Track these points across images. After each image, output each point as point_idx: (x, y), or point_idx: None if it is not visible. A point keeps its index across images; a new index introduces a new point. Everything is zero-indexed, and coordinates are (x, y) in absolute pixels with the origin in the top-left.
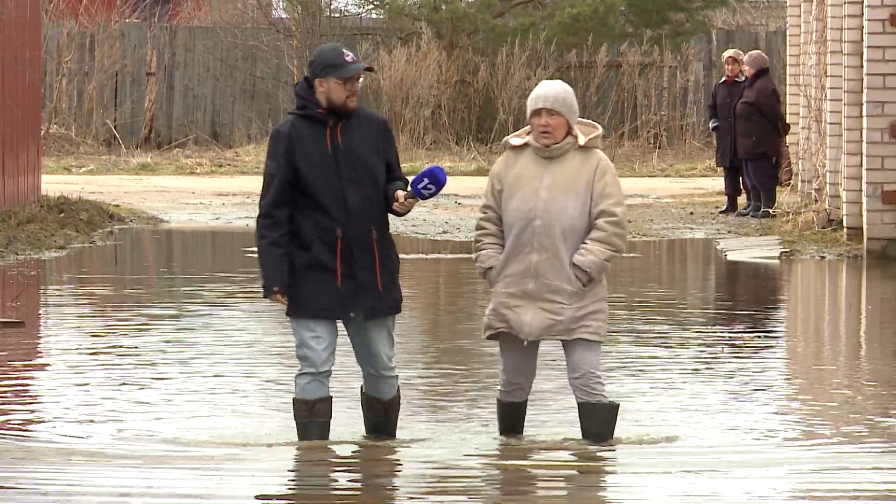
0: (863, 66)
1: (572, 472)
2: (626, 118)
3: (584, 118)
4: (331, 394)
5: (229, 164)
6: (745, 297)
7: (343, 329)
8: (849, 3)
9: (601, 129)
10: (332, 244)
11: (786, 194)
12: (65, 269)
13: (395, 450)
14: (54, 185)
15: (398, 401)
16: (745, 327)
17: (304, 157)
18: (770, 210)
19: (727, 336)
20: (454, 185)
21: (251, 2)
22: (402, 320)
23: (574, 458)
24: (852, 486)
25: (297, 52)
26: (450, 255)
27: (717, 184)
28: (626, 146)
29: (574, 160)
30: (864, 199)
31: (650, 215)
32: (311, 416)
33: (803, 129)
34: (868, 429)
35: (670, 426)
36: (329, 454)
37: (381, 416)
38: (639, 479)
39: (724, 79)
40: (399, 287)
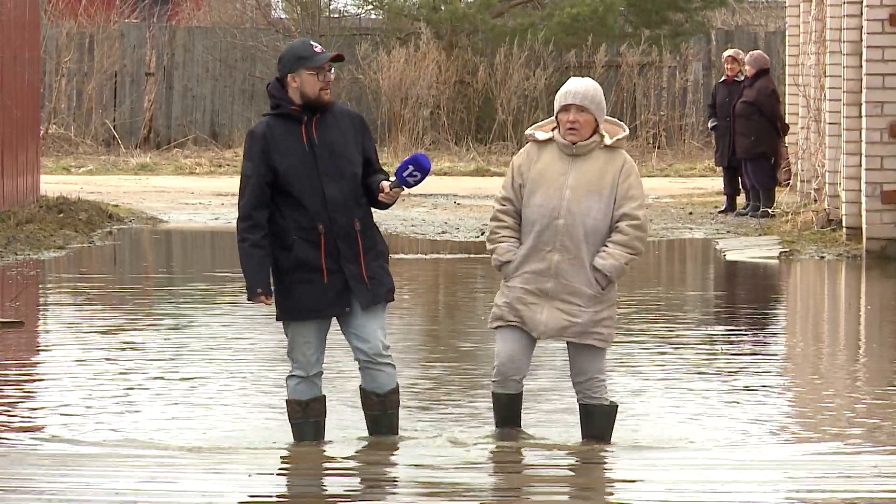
0: (862, 67)
1: (571, 473)
2: (626, 118)
3: None
4: (324, 392)
5: (228, 165)
6: (745, 297)
7: (335, 324)
8: (848, 3)
9: (627, 130)
10: (314, 241)
11: (785, 194)
12: (64, 269)
13: (390, 450)
14: (53, 185)
15: (397, 395)
16: (744, 327)
17: (280, 156)
18: (769, 210)
19: (726, 336)
20: (454, 185)
21: (250, 2)
22: (401, 320)
23: (572, 459)
24: (852, 490)
25: None
26: (449, 256)
27: (716, 184)
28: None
29: (599, 160)
30: (863, 199)
31: (649, 215)
32: (306, 416)
33: (802, 129)
34: (868, 431)
35: (669, 427)
36: (324, 455)
37: (379, 410)
38: (636, 482)
39: (723, 78)
40: (390, 274)
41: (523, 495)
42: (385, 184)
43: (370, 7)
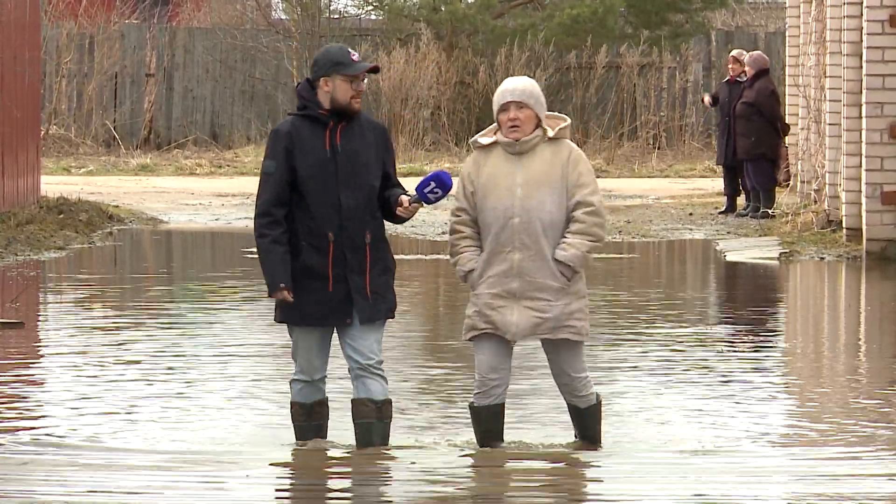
0: (862, 67)
1: (568, 478)
2: (626, 119)
3: (583, 119)
4: (327, 395)
5: (229, 165)
6: (745, 299)
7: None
8: (848, 3)
9: (569, 120)
10: (323, 249)
11: (785, 195)
12: (64, 269)
13: (388, 456)
14: (54, 185)
15: (390, 406)
16: (744, 328)
17: (302, 158)
18: (769, 211)
19: (726, 337)
20: (453, 186)
21: (250, 3)
22: (400, 321)
23: (571, 463)
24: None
25: (296, 53)
26: (449, 256)
27: (716, 184)
28: (625, 147)
29: (545, 153)
30: (863, 200)
31: (649, 216)
32: (309, 419)
33: (802, 129)
34: (868, 433)
35: (668, 429)
36: (324, 460)
37: (373, 417)
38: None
39: (727, 78)
40: (394, 292)
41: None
42: (404, 198)
43: (370, 8)
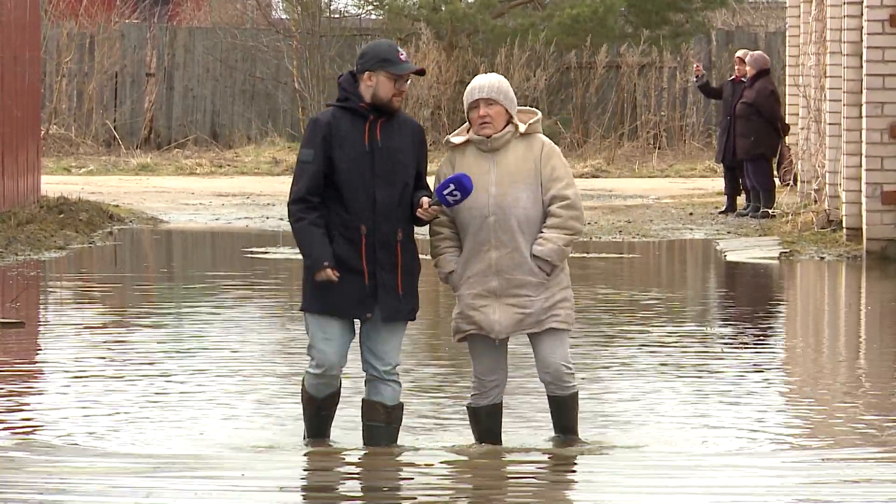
0: (862, 67)
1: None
2: (626, 119)
3: (584, 119)
4: (340, 386)
5: (229, 165)
6: (745, 298)
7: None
8: (848, 3)
9: (539, 114)
10: (356, 241)
11: (785, 195)
12: (64, 269)
13: (394, 457)
14: (54, 185)
15: (401, 410)
16: (744, 328)
17: (340, 149)
18: (769, 210)
19: (727, 337)
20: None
21: (251, 2)
22: None
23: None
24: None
25: (296, 52)
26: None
27: (716, 184)
28: (625, 147)
29: (518, 149)
30: (863, 200)
31: (650, 216)
32: (318, 410)
33: (803, 129)
34: (868, 434)
35: (668, 430)
36: (330, 461)
37: (383, 421)
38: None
39: (732, 77)
40: (417, 294)
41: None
42: (425, 200)
43: (370, 7)
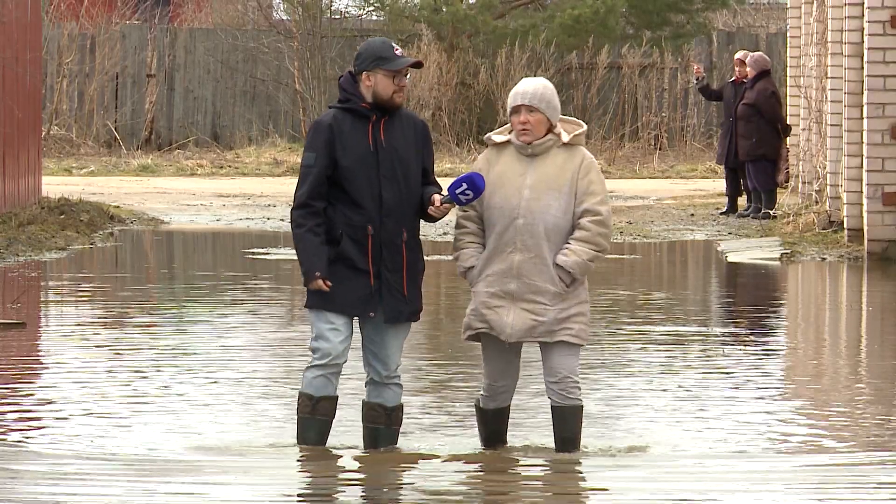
0: (863, 68)
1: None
2: (627, 120)
3: (585, 120)
4: (337, 394)
5: (230, 166)
6: (746, 299)
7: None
8: (849, 4)
9: (585, 127)
10: (362, 241)
11: (786, 196)
12: (65, 270)
13: (393, 459)
14: (55, 186)
15: (401, 412)
16: (745, 329)
17: (344, 151)
18: (770, 211)
19: (728, 338)
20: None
21: (252, 3)
22: None
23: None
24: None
25: (297, 53)
26: (449, 257)
27: (717, 185)
28: (626, 148)
29: (557, 158)
30: (864, 201)
31: (651, 217)
32: (314, 412)
33: (804, 130)
34: (869, 435)
35: (668, 433)
36: (327, 463)
37: (384, 423)
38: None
39: (733, 78)
40: (421, 295)
41: None
42: (437, 197)
43: (371, 8)
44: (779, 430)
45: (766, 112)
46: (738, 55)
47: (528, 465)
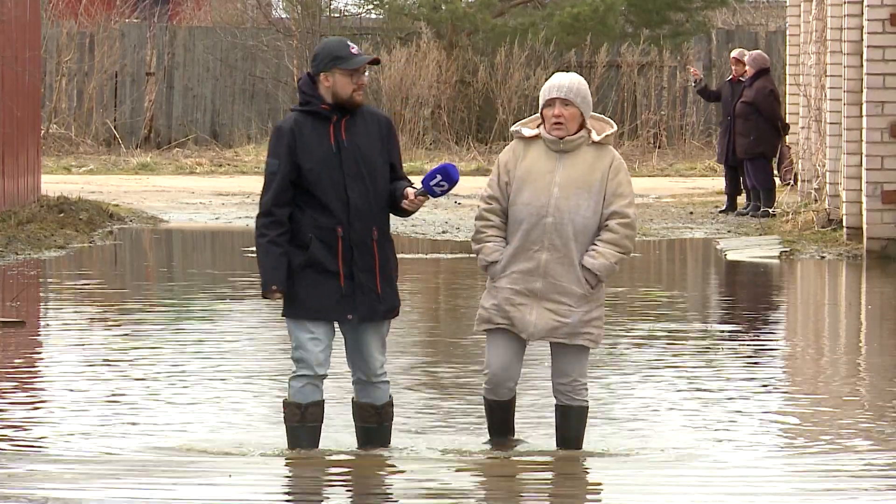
0: (863, 66)
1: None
2: (626, 118)
3: None
4: (324, 398)
5: (229, 164)
6: (745, 297)
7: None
8: (849, 2)
9: (615, 127)
10: (332, 244)
11: (785, 194)
12: (65, 268)
13: (388, 459)
14: (54, 184)
15: (391, 408)
16: (744, 327)
17: (306, 154)
18: (770, 210)
19: (727, 336)
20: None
21: (251, 2)
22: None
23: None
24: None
25: (296, 51)
26: (449, 255)
27: (716, 183)
28: (625, 146)
29: (587, 156)
30: (863, 199)
31: (650, 215)
32: (303, 420)
33: (803, 128)
34: (869, 435)
35: (668, 433)
36: (321, 464)
37: (375, 422)
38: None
39: (730, 77)
40: (397, 292)
41: None
42: (410, 191)
43: (371, 7)
44: (777, 428)
45: (764, 110)
46: (733, 53)
47: (527, 465)
